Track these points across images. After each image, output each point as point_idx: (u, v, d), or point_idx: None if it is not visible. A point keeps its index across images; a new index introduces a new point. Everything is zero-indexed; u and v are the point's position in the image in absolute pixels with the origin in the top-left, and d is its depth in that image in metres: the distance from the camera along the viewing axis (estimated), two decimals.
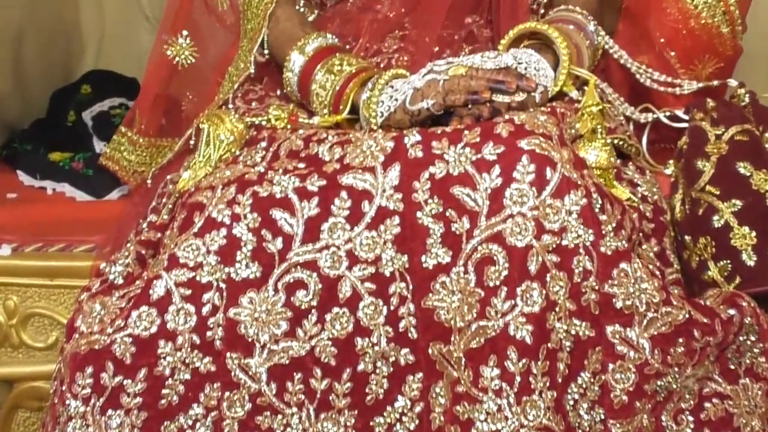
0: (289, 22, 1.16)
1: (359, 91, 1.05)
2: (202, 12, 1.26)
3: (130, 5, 1.82)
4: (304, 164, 0.94)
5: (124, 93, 1.68)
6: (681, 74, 1.13)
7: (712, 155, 1.04)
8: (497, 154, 0.88)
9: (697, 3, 1.10)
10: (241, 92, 1.19)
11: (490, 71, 0.98)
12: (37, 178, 1.47)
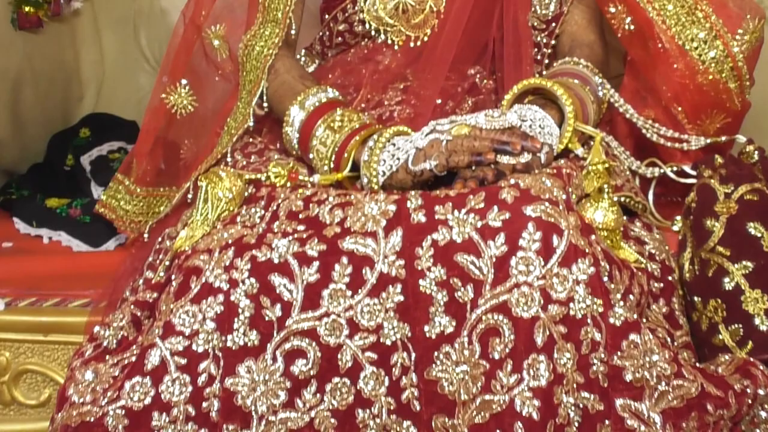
0: (288, 75, 1.14)
1: (360, 148, 1.03)
2: (201, 61, 1.25)
3: (130, 48, 1.80)
4: (303, 226, 0.92)
5: (123, 136, 1.67)
6: (688, 129, 1.11)
7: (722, 215, 1.02)
8: (502, 221, 0.86)
9: (704, 59, 1.08)
10: (240, 145, 1.17)
11: (494, 131, 0.96)
12: (33, 226, 1.45)
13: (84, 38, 1.76)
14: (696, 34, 1.08)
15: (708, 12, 1.07)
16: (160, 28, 1.79)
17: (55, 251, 1.36)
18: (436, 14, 1.17)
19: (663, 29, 1.08)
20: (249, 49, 1.15)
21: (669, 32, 1.08)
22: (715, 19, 1.07)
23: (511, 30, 1.16)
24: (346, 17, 1.22)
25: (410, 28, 1.18)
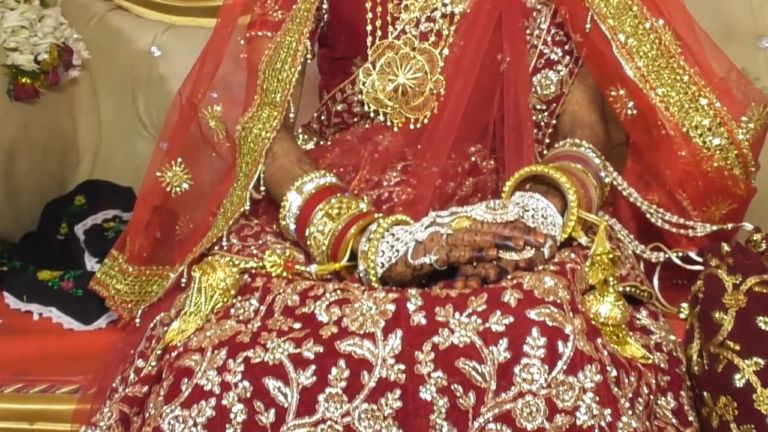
0: (286, 159, 1.12)
1: (359, 237, 1.00)
2: (198, 140, 1.23)
3: (128, 114, 1.79)
4: (300, 324, 0.89)
5: (118, 204, 1.65)
6: (693, 216, 1.09)
7: (731, 308, 0.99)
8: (505, 325, 0.83)
9: (709, 146, 1.06)
10: (235, 227, 1.14)
11: (495, 225, 0.94)
12: (24, 300, 1.41)
13: (81, 105, 1.75)
14: (700, 121, 1.06)
15: (712, 99, 1.06)
16: (158, 94, 1.78)
17: (44, 329, 1.33)
18: (436, 96, 1.15)
19: (666, 116, 1.06)
20: (246, 132, 1.14)
21: (672, 119, 1.06)
22: (720, 106, 1.06)
23: (511, 111, 1.15)
24: (345, 98, 1.20)
25: (410, 110, 1.16)
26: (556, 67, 1.18)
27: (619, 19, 1.09)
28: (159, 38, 1.80)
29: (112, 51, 1.79)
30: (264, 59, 1.15)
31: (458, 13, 1.16)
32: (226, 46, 1.21)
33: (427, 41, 1.16)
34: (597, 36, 1.10)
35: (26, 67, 1.49)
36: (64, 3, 1.79)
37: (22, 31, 1.48)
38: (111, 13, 1.82)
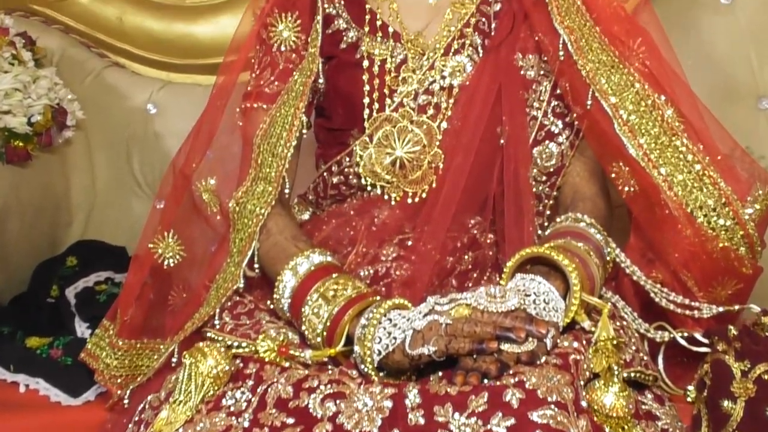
0: (281, 236, 1.09)
1: (355, 321, 0.97)
2: (191, 212, 1.21)
3: (123, 172, 1.77)
4: (293, 419, 0.86)
5: (111, 265, 1.62)
6: (699, 297, 1.06)
7: (740, 396, 0.95)
8: (507, 428, 0.79)
9: (714, 226, 1.03)
10: (228, 304, 1.11)
11: (496, 314, 0.91)
12: (11, 371, 1.37)
13: (75, 163, 1.73)
14: (705, 201, 1.04)
15: (716, 178, 1.03)
16: (153, 153, 1.77)
17: (30, 403, 1.28)
18: (435, 170, 1.13)
19: (670, 196, 1.04)
20: (240, 207, 1.11)
21: (676, 199, 1.03)
22: (724, 186, 1.03)
23: (511, 186, 1.13)
24: (341, 170, 1.18)
25: (408, 183, 1.14)
26: (557, 139, 1.16)
27: (620, 96, 1.07)
28: (155, 95, 1.79)
29: (107, 108, 1.78)
30: (259, 133, 1.13)
31: (457, 86, 1.14)
32: (220, 118, 1.19)
33: (425, 114, 1.14)
34: (598, 113, 1.08)
35: (19, 129, 1.47)
36: (59, 60, 1.78)
37: (16, 93, 1.47)
38: (107, 70, 1.81)
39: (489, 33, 1.15)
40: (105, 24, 1.81)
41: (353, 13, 1.16)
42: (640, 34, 1.11)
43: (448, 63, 1.14)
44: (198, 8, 1.80)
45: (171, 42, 1.80)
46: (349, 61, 1.15)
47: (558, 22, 1.09)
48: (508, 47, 1.14)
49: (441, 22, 1.15)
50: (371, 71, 1.14)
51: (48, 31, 1.80)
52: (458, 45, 1.15)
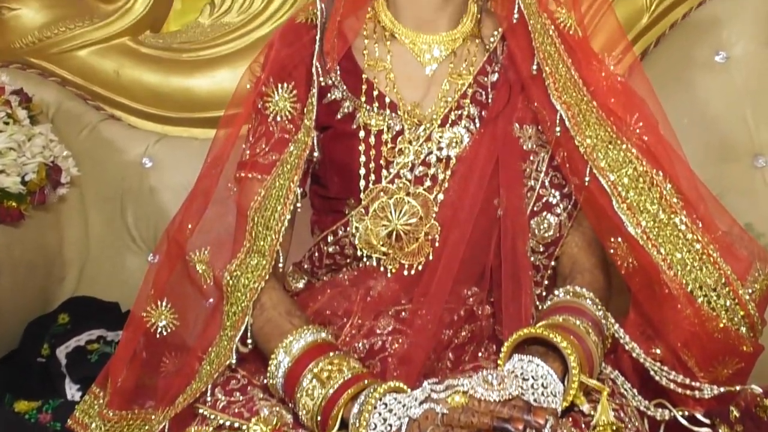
0: (275, 311, 1.08)
1: (350, 405, 0.96)
2: (184, 281, 1.19)
3: (117, 226, 1.76)
4: None
5: (103, 323, 1.61)
6: (700, 377, 1.04)
7: None
8: None
9: (714, 306, 1.02)
10: (221, 380, 1.09)
11: (493, 403, 0.89)
12: None
13: (69, 219, 1.72)
14: (704, 281, 1.02)
15: (716, 258, 1.02)
16: (148, 207, 1.76)
17: None
18: (431, 242, 1.12)
19: (670, 276, 1.02)
20: (234, 281, 1.10)
21: (676, 279, 1.02)
22: (724, 265, 1.02)
23: (509, 260, 1.11)
24: (337, 240, 1.17)
25: (404, 256, 1.13)
26: (555, 210, 1.15)
27: (618, 173, 1.06)
28: (151, 149, 1.79)
29: (102, 162, 1.77)
30: (254, 205, 1.12)
31: (454, 157, 1.13)
32: (214, 187, 1.18)
33: (422, 186, 1.13)
34: (596, 189, 1.07)
35: (12, 189, 1.46)
36: (55, 113, 1.78)
37: (10, 153, 1.46)
38: (103, 123, 1.81)
39: (486, 104, 1.15)
40: (102, 77, 1.81)
41: (349, 83, 1.15)
42: (637, 109, 1.10)
43: (445, 134, 1.13)
44: (195, 62, 1.80)
45: (168, 95, 1.80)
46: (346, 131, 1.14)
47: (555, 97, 1.09)
48: (506, 118, 1.13)
49: (438, 92, 1.15)
50: (367, 142, 1.13)
51: (45, 84, 1.80)
52: (455, 116, 1.14)
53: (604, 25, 1.43)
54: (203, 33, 1.83)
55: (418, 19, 1.17)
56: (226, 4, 1.83)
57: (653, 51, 1.73)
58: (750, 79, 1.66)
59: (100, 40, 1.80)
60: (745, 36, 1.67)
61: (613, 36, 1.39)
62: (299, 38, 1.16)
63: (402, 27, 1.17)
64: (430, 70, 1.16)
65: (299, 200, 1.12)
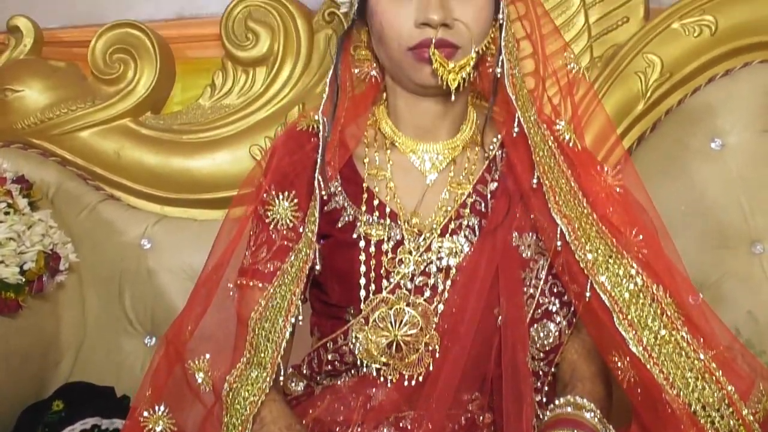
0: (275, 426, 1.07)
1: None
2: (183, 387, 1.18)
3: (114, 308, 1.75)
4: None
5: (98, 409, 1.58)
6: None
7: None
8: None
9: (718, 426, 1.01)
10: None
11: None
12: None
13: (66, 302, 1.70)
14: (707, 399, 1.02)
15: (719, 376, 1.02)
16: (145, 289, 1.75)
17: None
18: (431, 353, 1.12)
19: (672, 396, 1.02)
20: (234, 393, 1.09)
21: (679, 399, 1.02)
22: (727, 384, 1.02)
23: (509, 370, 1.11)
24: (337, 348, 1.16)
25: (404, 366, 1.12)
26: (555, 318, 1.15)
27: (619, 288, 1.07)
28: (150, 230, 1.79)
29: (101, 244, 1.77)
30: (254, 315, 1.12)
31: (454, 267, 1.14)
32: (215, 291, 1.18)
33: (422, 296, 1.13)
34: (598, 305, 1.08)
35: (11, 280, 1.45)
36: (55, 194, 1.78)
37: (10, 243, 1.46)
38: (103, 204, 1.81)
39: (485, 213, 1.16)
40: (103, 158, 1.81)
41: (350, 192, 1.16)
42: (636, 220, 1.11)
43: (445, 244, 1.14)
44: (195, 144, 1.81)
45: (168, 176, 1.81)
46: (346, 240, 1.15)
47: (555, 211, 1.10)
48: (505, 228, 1.14)
49: (438, 201, 1.16)
50: (368, 251, 1.14)
51: (45, 164, 1.81)
52: (455, 225, 1.15)
53: (594, 120, 1.46)
54: (203, 115, 1.83)
55: (418, 127, 1.18)
56: (226, 86, 1.84)
57: (650, 136, 1.75)
58: (745, 167, 1.67)
59: (102, 122, 1.81)
60: (740, 124, 1.69)
61: (603, 130, 1.42)
62: (301, 146, 1.17)
63: (402, 135, 1.18)
64: (430, 180, 1.17)
65: (300, 313, 1.11)
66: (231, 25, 1.80)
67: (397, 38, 1.10)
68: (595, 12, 1.76)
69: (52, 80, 1.82)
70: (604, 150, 1.46)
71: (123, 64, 1.82)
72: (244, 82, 1.83)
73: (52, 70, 1.84)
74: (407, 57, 1.11)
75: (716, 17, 1.70)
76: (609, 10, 1.76)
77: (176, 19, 1.98)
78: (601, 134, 1.36)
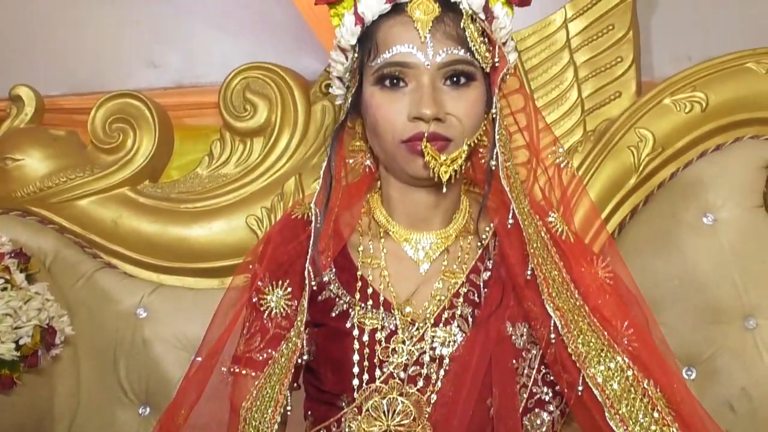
0: None
1: None
2: None
3: (109, 378, 1.74)
4: None
5: None
6: None
7: None
8: None
9: None
10: None
11: None
12: None
13: (61, 374, 1.70)
14: None
15: None
16: (140, 359, 1.75)
17: None
18: None
19: None
20: None
21: None
22: None
23: None
24: None
25: None
26: (548, 408, 1.15)
27: (610, 382, 1.07)
28: (146, 299, 1.79)
29: (97, 313, 1.77)
30: (245, 404, 1.12)
31: (447, 356, 1.14)
32: (209, 377, 1.18)
33: (415, 385, 1.13)
34: (589, 398, 1.08)
35: (6, 356, 1.45)
36: (52, 262, 1.79)
37: (6, 319, 1.46)
38: (99, 272, 1.81)
39: (478, 303, 1.17)
40: (101, 226, 1.82)
41: (344, 280, 1.17)
42: (626, 311, 1.12)
43: (438, 333, 1.15)
44: (192, 213, 1.82)
45: (164, 245, 1.81)
46: (340, 329, 1.16)
47: (549, 303, 1.11)
48: (498, 318, 1.15)
49: (431, 291, 1.17)
50: (362, 340, 1.15)
51: (43, 231, 1.81)
52: (448, 315, 1.16)
53: (580, 206, 1.46)
54: (201, 184, 1.85)
55: (411, 217, 1.20)
56: (224, 156, 1.86)
57: (643, 209, 1.76)
58: (737, 242, 1.69)
59: (100, 190, 1.82)
60: (731, 199, 1.71)
61: (588, 216, 1.43)
62: (296, 236, 1.19)
63: (396, 224, 1.20)
64: (423, 269, 1.18)
65: (289, 403, 1.12)
66: (229, 97, 1.82)
67: (391, 131, 1.13)
68: (588, 86, 1.79)
69: (52, 149, 1.83)
70: (591, 233, 1.47)
71: (122, 134, 1.83)
72: (242, 152, 1.85)
73: (52, 138, 1.86)
74: (401, 149, 1.13)
75: (707, 94, 1.73)
76: (602, 84, 1.79)
77: (176, 88, 2.02)
78: (586, 220, 1.38)
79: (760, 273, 1.67)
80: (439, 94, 1.10)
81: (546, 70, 1.79)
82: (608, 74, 1.78)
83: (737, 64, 1.73)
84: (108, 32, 2.03)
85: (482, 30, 1.13)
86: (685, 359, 1.66)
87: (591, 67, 1.78)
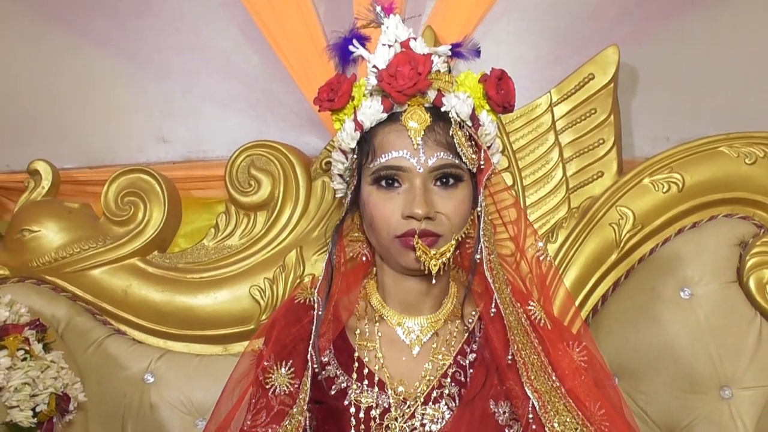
0: None
1: None
2: None
3: None
4: None
5: None
6: None
7: None
8: None
9: None
10: None
11: None
12: None
13: None
14: None
15: None
16: (147, 423, 1.82)
17: None
18: None
19: None
20: None
21: None
22: None
23: None
24: None
25: None
26: None
27: None
28: (153, 365, 1.87)
29: (106, 378, 1.84)
30: None
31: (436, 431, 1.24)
32: None
33: None
34: None
35: (24, 424, 1.53)
36: (65, 329, 1.86)
37: (25, 388, 1.55)
38: (109, 339, 1.88)
39: (464, 383, 1.26)
40: (111, 294, 1.90)
41: (342, 361, 1.27)
42: (598, 397, 1.22)
43: (428, 411, 1.24)
44: (198, 283, 1.90)
45: (171, 313, 1.89)
46: (338, 407, 1.25)
47: (528, 385, 1.21)
48: (483, 397, 1.25)
49: (421, 371, 1.27)
50: (358, 417, 1.24)
51: (56, 299, 1.89)
52: (437, 394, 1.26)
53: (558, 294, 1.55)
54: (207, 254, 1.94)
55: (404, 302, 1.30)
56: (229, 228, 1.95)
57: (624, 283, 1.85)
58: (713, 316, 1.78)
59: (112, 261, 1.91)
60: (707, 275, 1.80)
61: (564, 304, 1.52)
62: (299, 319, 1.29)
63: (390, 309, 1.30)
64: (415, 352, 1.28)
65: None
66: (235, 173, 1.92)
67: (386, 227, 1.24)
68: (573, 166, 1.89)
69: (67, 221, 1.92)
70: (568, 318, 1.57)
71: (133, 207, 1.92)
72: (246, 225, 1.94)
73: (67, 211, 1.95)
74: (394, 243, 1.24)
75: (683, 175, 1.83)
76: (585, 164, 1.89)
77: (184, 162, 2.14)
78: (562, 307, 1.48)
79: (734, 345, 1.75)
80: (430, 194, 1.22)
81: (533, 150, 1.89)
82: (591, 155, 1.88)
83: (711, 148, 1.84)
84: (120, 109, 2.15)
85: (469, 135, 1.25)
86: (665, 427, 1.75)
87: (575, 148, 1.88)
